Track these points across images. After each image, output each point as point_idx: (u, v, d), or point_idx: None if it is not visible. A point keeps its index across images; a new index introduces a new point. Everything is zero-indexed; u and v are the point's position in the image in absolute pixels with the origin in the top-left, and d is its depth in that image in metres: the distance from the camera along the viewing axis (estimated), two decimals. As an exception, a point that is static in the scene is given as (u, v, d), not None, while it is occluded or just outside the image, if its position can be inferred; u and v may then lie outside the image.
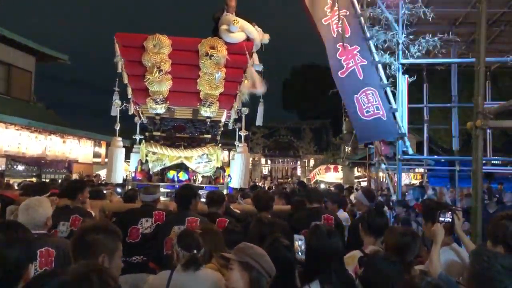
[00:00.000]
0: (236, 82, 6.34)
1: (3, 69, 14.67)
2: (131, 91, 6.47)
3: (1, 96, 14.32)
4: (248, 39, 6.23)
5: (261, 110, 6.83)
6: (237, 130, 7.09)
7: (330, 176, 21.41)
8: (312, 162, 32.22)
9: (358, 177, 22.27)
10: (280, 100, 44.26)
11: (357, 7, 6.33)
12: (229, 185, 6.56)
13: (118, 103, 6.34)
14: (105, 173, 8.86)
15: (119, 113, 6.51)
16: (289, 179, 31.09)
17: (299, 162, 34.56)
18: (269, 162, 35.10)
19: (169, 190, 6.06)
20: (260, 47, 6.47)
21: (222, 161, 7.19)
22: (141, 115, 6.85)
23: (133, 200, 5.00)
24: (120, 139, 6.50)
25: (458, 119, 10.48)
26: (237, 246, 2.40)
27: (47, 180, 11.94)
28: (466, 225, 4.78)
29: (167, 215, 4.30)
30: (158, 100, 6.16)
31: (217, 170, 6.52)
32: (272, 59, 6.51)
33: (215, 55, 5.92)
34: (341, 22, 6.22)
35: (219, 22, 6.32)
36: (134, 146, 7.19)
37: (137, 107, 6.72)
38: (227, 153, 19.26)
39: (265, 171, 34.74)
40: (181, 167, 6.46)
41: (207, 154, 6.40)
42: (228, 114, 6.79)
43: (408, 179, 18.56)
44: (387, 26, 7.49)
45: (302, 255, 2.74)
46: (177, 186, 6.02)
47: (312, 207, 4.46)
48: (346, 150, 25.79)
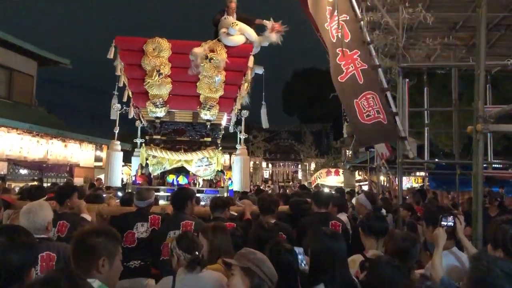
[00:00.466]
0: (236, 85, 6.35)
1: (5, 74, 14.71)
2: (131, 94, 6.48)
3: (3, 100, 14.36)
4: (248, 42, 6.26)
5: (264, 112, 6.83)
6: (238, 133, 7.10)
7: (331, 179, 21.37)
8: (313, 165, 32.22)
9: (359, 180, 22.26)
10: (281, 104, 44.31)
11: (357, 11, 6.33)
12: (229, 188, 6.55)
13: (118, 107, 6.35)
14: (107, 177, 8.86)
15: (118, 117, 6.52)
16: (290, 182, 31.10)
17: (300, 166, 34.60)
18: (270, 165, 35.15)
19: (169, 194, 6.04)
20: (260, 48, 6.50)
21: (223, 164, 7.21)
22: (141, 119, 6.86)
23: (129, 204, 4.96)
24: (118, 142, 6.50)
25: (459, 122, 10.48)
26: (239, 251, 2.39)
27: (49, 184, 11.94)
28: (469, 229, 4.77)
29: (162, 219, 4.25)
30: (158, 103, 6.17)
31: (218, 174, 6.52)
32: (273, 63, 6.52)
33: (214, 58, 5.94)
34: (340, 27, 6.22)
35: (219, 26, 6.35)
36: (135, 149, 7.20)
37: (137, 111, 6.74)
38: (228, 156, 19.26)
39: (266, 174, 34.76)
40: (181, 170, 6.46)
41: (207, 158, 6.40)
42: (228, 117, 6.80)
43: (409, 183, 18.55)
44: (388, 30, 7.50)
45: (305, 266, 2.74)
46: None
47: (321, 212, 4.40)
48: (347, 153, 25.81)
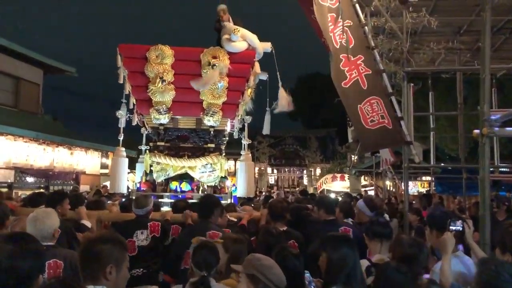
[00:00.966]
0: (239, 91, 6.36)
1: (11, 82, 14.83)
2: (134, 101, 6.51)
3: (10, 108, 14.48)
4: (250, 48, 6.28)
5: (267, 119, 6.83)
6: (242, 139, 7.10)
7: (337, 185, 21.30)
8: (318, 171, 32.13)
9: (365, 185, 22.17)
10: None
11: (361, 17, 6.34)
12: (233, 194, 6.55)
13: (122, 114, 6.37)
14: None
15: (123, 124, 6.54)
16: (296, 188, 31.01)
17: (305, 171, 34.50)
18: (275, 171, 35.07)
19: (172, 200, 6.03)
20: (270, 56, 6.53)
21: (228, 170, 7.20)
22: (146, 126, 6.89)
23: (130, 210, 4.95)
24: (123, 149, 6.52)
25: (465, 126, 10.43)
26: (246, 257, 2.38)
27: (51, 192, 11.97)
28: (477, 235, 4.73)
29: (162, 226, 4.24)
30: (162, 110, 6.20)
31: (222, 180, 6.52)
32: (278, 68, 6.53)
33: (217, 64, 5.96)
34: (344, 33, 6.22)
35: (221, 32, 6.38)
36: (140, 156, 7.22)
37: (141, 118, 6.76)
38: (233, 162, 19.25)
39: (271, 180, 34.69)
40: (184, 177, 6.46)
41: (211, 164, 6.40)
42: (231, 123, 6.81)
43: (415, 187, 18.47)
44: (392, 35, 7.50)
45: None
46: (180, 196, 6.01)
47: (329, 219, 4.36)
48: (353, 158, 25.73)
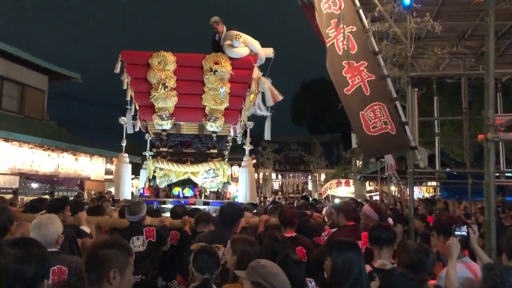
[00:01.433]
0: (241, 97, 6.36)
1: (17, 89, 14.93)
2: (137, 107, 6.53)
3: (15, 115, 14.58)
4: (252, 53, 6.28)
5: (268, 124, 6.82)
6: (244, 144, 7.10)
7: (342, 190, 21.22)
8: (323, 176, 32.06)
9: (370, 191, 22.08)
10: (290, 115, 44.37)
11: (365, 22, 6.34)
12: (235, 200, 6.54)
13: (125, 120, 6.39)
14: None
15: (129, 130, 6.55)
16: (300, 194, 30.94)
17: (310, 177, 34.43)
18: (279, 177, 35.02)
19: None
20: (265, 61, 6.51)
21: (232, 175, 7.19)
22: (149, 132, 6.90)
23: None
24: (126, 155, 6.53)
25: (470, 131, 10.38)
26: (250, 263, 2.35)
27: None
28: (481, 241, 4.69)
29: (157, 231, 4.25)
30: (164, 116, 6.21)
31: (225, 185, 6.51)
32: (282, 74, 6.54)
33: (219, 70, 5.97)
34: (346, 39, 6.21)
35: (220, 41, 6.40)
36: (144, 162, 7.23)
37: (144, 124, 6.78)
38: (237, 168, 19.26)
39: (275, 186, 34.64)
40: (187, 182, 6.46)
41: (213, 169, 6.40)
42: (234, 129, 6.81)
43: (420, 193, 18.38)
44: (396, 40, 7.51)
45: None
46: (183, 202, 6.00)
47: (350, 225, 4.35)
48: (357, 164, 25.65)
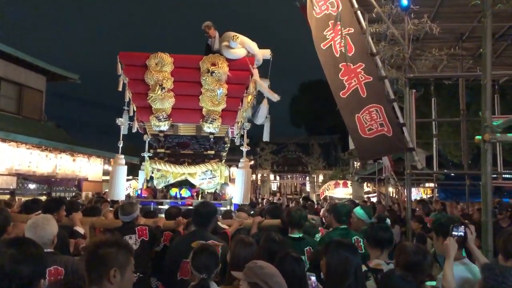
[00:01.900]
0: (238, 98, 6.36)
1: (14, 89, 14.93)
2: (135, 108, 6.53)
3: (13, 115, 14.56)
4: (249, 55, 6.28)
5: (267, 125, 6.82)
6: (242, 145, 7.10)
7: (340, 191, 21.24)
8: (321, 177, 32.11)
9: (367, 192, 22.12)
10: (288, 116, 44.43)
11: (363, 23, 6.34)
12: (232, 201, 6.54)
13: (122, 121, 6.39)
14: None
15: (123, 131, 6.52)
16: (298, 195, 30.97)
17: (308, 178, 34.47)
18: (277, 178, 35.06)
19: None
20: (264, 62, 6.52)
21: (230, 176, 7.19)
22: (147, 133, 6.90)
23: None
24: (122, 156, 6.51)
25: (467, 133, 10.41)
26: (247, 264, 2.34)
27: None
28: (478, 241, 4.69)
29: (150, 229, 4.27)
30: (161, 117, 6.20)
31: (223, 186, 6.51)
32: (281, 75, 6.55)
33: (216, 71, 5.97)
34: (344, 41, 6.21)
35: (212, 46, 6.46)
36: (142, 163, 7.22)
37: (142, 125, 6.77)
38: (235, 169, 19.27)
39: (274, 187, 34.66)
40: (185, 183, 6.46)
41: (211, 170, 6.39)
42: (231, 130, 6.81)
43: (418, 194, 18.42)
44: (393, 41, 7.52)
45: None
46: (180, 203, 6.00)
47: (342, 228, 4.34)
48: (355, 165, 25.69)
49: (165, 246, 4.53)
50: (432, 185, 15.68)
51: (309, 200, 10.93)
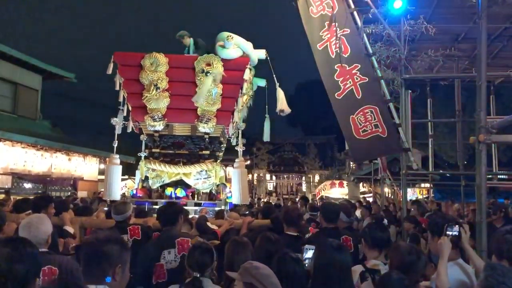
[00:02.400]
0: (233, 98, 6.35)
1: (10, 88, 14.85)
2: (130, 108, 6.52)
3: (8, 114, 14.48)
4: (244, 55, 6.28)
5: (267, 125, 6.83)
6: (237, 145, 7.09)
7: (336, 191, 21.26)
8: (317, 177, 32.17)
9: (363, 192, 22.16)
10: (284, 116, 44.40)
11: (359, 24, 6.36)
12: (228, 201, 6.53)
13: (117, 121, 6.37)
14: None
15: (119, 131, 6.50)
16: (294, 194, 30.98)
17: (304, 178, 34.52)
18: (274, 178, 35.07)
19: None
20: (264, 63, 6.53)
21: (226, 177, 7.18)
22: (143, 132, 6.88)
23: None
24: (117, 156, 6.49)
25: (463, 133, 10.43)
26: (242, 265, 2.34)
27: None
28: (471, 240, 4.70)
29: (142, 228, 4.30)
30: (156, 117, 6.19)
31: (219, 186, 6.50)
32: (277, 75, 6.54)
33: (211, 71, 5.97)
34: (340, 41, 6.22)
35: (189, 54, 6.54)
36: (139, 163, 7.19)
37: (137, 125, 6.75)
38: (231, 169, 19.25)
39: (270, 187, 34.66)
40: (180, 183, 6.45)
41: (205, 170, 6.38)
42: (226, 130, 6.80)
43: (414, 194, 18.45)
44: (390, 42, 7.53)
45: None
46: None
47: (330, 228, 4.26)
48: (351, 165, 25.72)
49: None
50: (427, 185, 15.72)
51: (308, 200, 10.89)
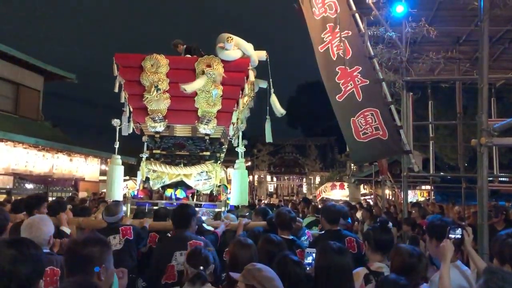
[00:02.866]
0: (234, 99, 6.35)
1: (11, 88, 14.88)
2: (131, 109, 6.52)
3: (10, 115, 14.51)
4: (245, 56, 6.29)
5: (268, 126, 6.84)
6: (238, 146, 7.09)
7: (336, 193, 21.22)
8: (317, 179, 32.15)
9: (364, 194, 22.12)
10: (285, 117, 44.47)
11: (361, 26, 6.37)
12: (227, 202, 6.54)
13: (117, 122, 6.38)
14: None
15: (118, 132, 6.50)
16: (295, 196, 30.97)
17: (304, 179, 34.50)
18: (274, 179, 35.06)
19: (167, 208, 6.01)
20: (263, 64, 6.53)
21: (227, 178, 7.17)
22: (144, 134, 6.89)
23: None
24: (118, 157, 6.50)
25: (464, 136, 10.43)
26: (245, 267, 2.32)
27: (53, 198, 11.94)
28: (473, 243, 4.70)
29: (134, 228, 4.31)
30: (157, 118, 6.18)
31: (219, 187, 6.50)
32: (278, 77, 6.55)
33: (211, 73, 5.97)
34: (342, 44, 6.23)
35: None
36: (140, 164, 7.20)
37: (138, 126, 6.76)
38: (232, 170, 19.25)
39: (270, 188, 34.65)
40: (180, 184, 6.45)
41: (206, 172, 6.36)
42: (227, 131, 6.81)
43: (414, 197, 18.43)
44: (391, 44, 7.54)
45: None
46: (174, 204, 5.99)
47: (332, 230, 4.22)
48: (352, 167, 25.70)
49: (150, 247, 4.56)
50: (428, 187, 15.70)
51: (310, 202, 10.82)
